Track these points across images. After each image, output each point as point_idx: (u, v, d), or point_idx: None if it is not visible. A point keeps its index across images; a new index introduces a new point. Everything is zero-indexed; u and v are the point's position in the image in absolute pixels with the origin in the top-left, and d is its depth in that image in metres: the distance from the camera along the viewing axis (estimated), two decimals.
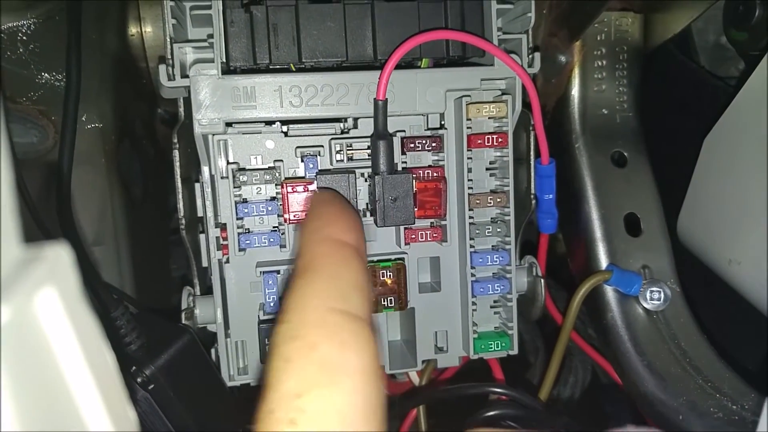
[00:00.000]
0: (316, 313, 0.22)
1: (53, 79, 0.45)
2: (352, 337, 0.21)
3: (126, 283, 0.50)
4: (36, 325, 0.13)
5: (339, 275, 0.24)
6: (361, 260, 0.25)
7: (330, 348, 0.21)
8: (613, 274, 0.48)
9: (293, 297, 0.23)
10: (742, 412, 0.43)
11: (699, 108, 0.53)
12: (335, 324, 0.21)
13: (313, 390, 0.20)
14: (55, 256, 0.13)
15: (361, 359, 0.21)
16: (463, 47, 0.43)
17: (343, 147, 0.43)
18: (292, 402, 0.19)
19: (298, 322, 0.21)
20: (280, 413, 0.19)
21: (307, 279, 0.23)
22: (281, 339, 0.21)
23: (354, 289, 0.23)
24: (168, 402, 0.42)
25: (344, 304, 0.22)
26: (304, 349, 0.20)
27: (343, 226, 0.26)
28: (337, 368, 0.20)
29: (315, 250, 0.25)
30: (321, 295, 0.22)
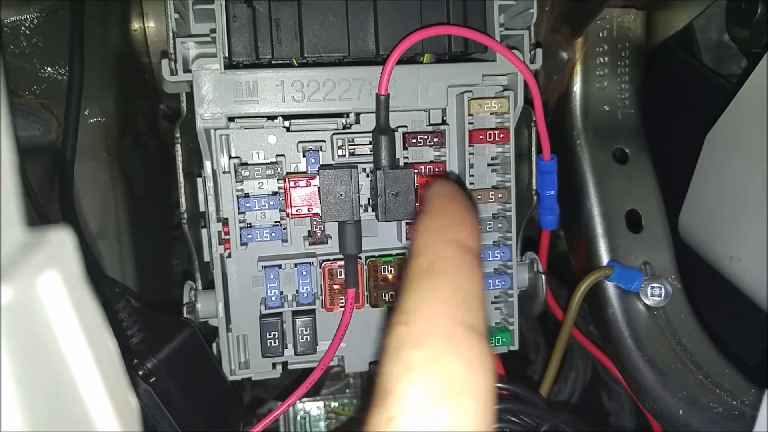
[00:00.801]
0: (441, 323, 0.21)
1: (56, 73, 0.45)
2: (477, 356, 0.20)
3: (128, 277, 0.50)
4: (38, 307, 0.13)
5: (464, 285, 0.22)
6: (482, 270, 0.24)
7: (456, 364, 0.20)
8: (614, 270, 0.48)
9: (416, 299, 0.22)
10: (742, 407, 0.43)
11: (701, 105, 0.53)
12: (461, 339, 0.20)
13: (439, 406, 0.19)
14: (58, 240, 0.13)
15: (485, 381, 0.20)
16: (465, 43, 0.43)
17: (345, 142, 0.43)
18: (416, 415, 0.19)
19: (422, 329, 0.21)
20: (402, 425, 0.19)
21: (431, 283, 0.22)
22: (402, 342, 0.20)
23: (477, 301, 0.22)
24: (169, 395, 0.42)
25: (469, 318, 0.21)
26: (429, 361, 0.20)
27: (470, 229, 0.25)
28: (461, 388, 0.19)
29: (439, 251, 0.24)
30: (446, 304, 0.21)
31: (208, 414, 0.45)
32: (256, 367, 0.46)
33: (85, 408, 0.14)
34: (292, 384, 0.58)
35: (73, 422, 0.13)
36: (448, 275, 0.22)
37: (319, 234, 0.44)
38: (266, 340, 0.44)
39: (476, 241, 0.25)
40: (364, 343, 0.47)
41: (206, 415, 0.45)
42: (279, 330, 0.44)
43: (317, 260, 0.44)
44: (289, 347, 0.45)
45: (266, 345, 0.44)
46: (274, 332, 0.44)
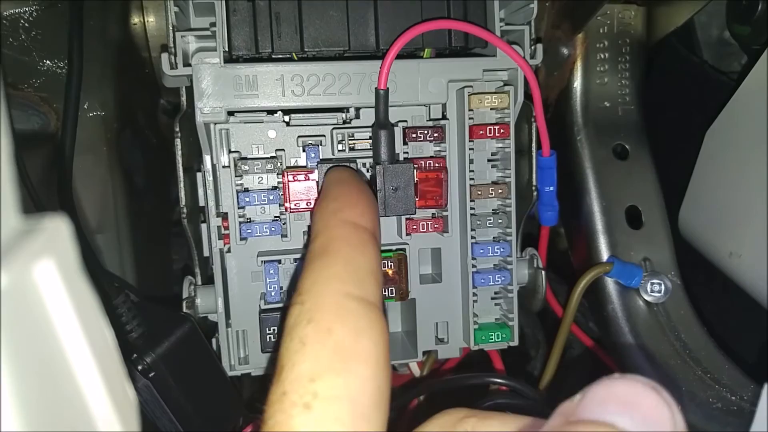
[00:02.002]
0: (333, 297, 0.22)
1: (55, 66, 0.45)
2: (367, 324, 0.21)
3: (127, 271, 0.50)
4: (33, 294, 0.13)
5: (356, 260, 0.24)
6: (376, 245, 0.25)
7: (346, 334, 0.21)
8: (614, 266, 0.48)
9: (309, 279, 0.23)
10: (741, 403, 0.43)
11: (701, 102, 0.53)
12: (351, 310, 0.22)
13: (327, 375, 0.20)
14: (53, 228, 0.13)
15: (376, 347, 0.21)
16: (466, 37, 0.43)
17: (345, 137, 0.43)
18: (306, 385, 0.20)
19: (314, 305, 0.22)
20: (294, 396, 0.19)
21: (324, 262, 0.23)
22: (297, 321, 0.21)
23: (369, 275, 0.23)
24: (168, 390, 0.42)
25: (360, 290, 0.22)
26: (320, 333, 0.21)
27: (362, 209, 0.27)
28: (351, 355, 0.20)
29: (332, 232, 0.25)
30: (338, 280, 0.22)
31: (208, 409, 0.45)
32: (256, 363, 0.45)
33: (81, 395, 0.14)
34: None
35: (69, 410, 0.13)
36: (340, 253, 0.24)
37: None
38: (266, 335, 0.44)
39: (369, 220, 0.26)
40: None
41: (205, 411, 0.45)
42: (279, 325, 0.44)
43: None
44: None
45: (266, 340, 0.44)
46: (273, 327, 0.44)
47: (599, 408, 0.17)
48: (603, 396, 0.17)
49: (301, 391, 0.20)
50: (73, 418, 0.14)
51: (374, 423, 0.20)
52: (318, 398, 0.19)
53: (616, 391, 0.17)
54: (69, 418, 0.13)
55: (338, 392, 0.20)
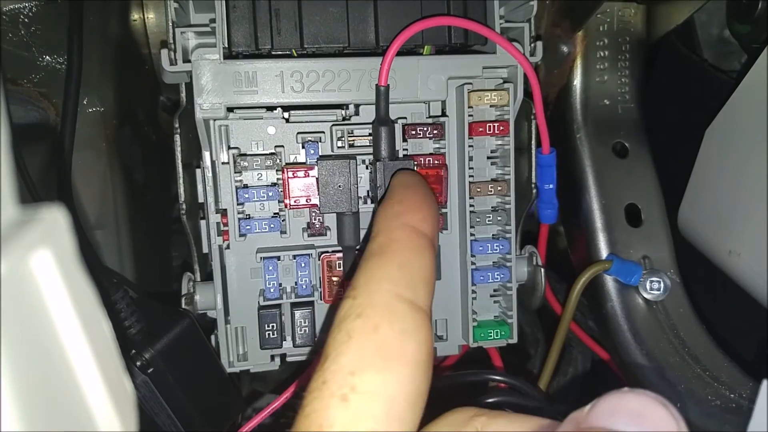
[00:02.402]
0: (384, 296, 0.22)
1: (54, 61, 0.45)
2: (413, 327, 0.22)
3: (126, 267, 0.50)
4: (31, 283, 0.13)
5: (411, 264, 0.24)
6: (433, 252, 0.25)
7: (392, 333, 0.21)
8: (613, 264, 0.48)
9: (364, 275, 0.23)
10: (740, 400, 0.43)
11: (701, 100, 0.53)
12: (400, 311, 0.22)
13: (368, 370, 0.20)
14: (51, 218, 0.13)
15: (419, 350, 0.21)
16: (466, 34, 0.43)
17: (345, 133, 0.43)
18: (346, 377, 0.20)
19: (365, 301, 0.22)
20: (333, 386, 0.20)
21: (381, 261, 0.24)
22: (346, 314, 0.22)
23: (423, 280, 0.24)
24: (167, 386, 0.42)
25: (412, 293, 0.23)
26: (366, 329, 0.21)
27: (424, 215, 0.27)
28: (394, 354, 0.21)
29: (392, 234, 0.25)
30: (392, 281, 0.23)
31: (206, 406, 0.45)
32: (255, 359, 0.45)
33: (78, 385, 0.14)
34: (291, 377, 0.58)
35: (65, 399, 0.13)
36: (397, 255, 0.24)
37: (318, 226, 0.44)
38: (265, 331, 0.44)
39: (430, 226, 0.26)
40: None
41: (204, 407, 0.45)
42: (277, 322, 0.44)
43: (316, 252, 0.44)
44: (288, 339, 0.45)
45: (265, 337, 0.44)
46: (272, 324, 0.44)
47: (610, 418, 0.17)
48: (613, 407, 0.18)
49: (340, 383, 0.20)
50: (70, 408, 0.14)
51: (407, 424, 0.20)
52: (356, 392, 0.20)
53: (626, 404, 0.18)
54: (65, 408, 0.13)
55: (376, 389, 0.20)
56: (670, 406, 0.18)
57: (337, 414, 0.19)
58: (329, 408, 0.19)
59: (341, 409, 0.19)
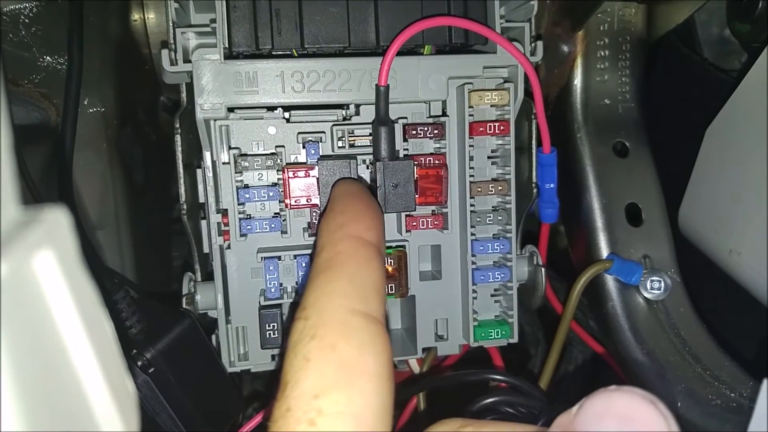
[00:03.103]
0: (336, 313, 0.22)
1: (55, 62, 0.45)
2: (371, 340, 0.21)
3: (127, 267, 0.50)
4: (33, 284, 0.13)
5: (360, 276, 0.24)
6: (380, 260, 0.25)
7: (349, 350, 0.21)
8: (613, 264, 0.48)
9: (313, 294, 0.23)
10: (740, 399, 0.43)
11: (701, 100, 0.53)
12: (355, 326, 0.22)
13: (331, 391, 0.20)
14: (53, 219, 0.13)
15: (379, 362, 0.21)
16: (466, 34, 0.43)
17: (345, 133, 0.43)
18: (310, 402, 0.20)
19: (318, 321, 0.22)
20: (298, 413, 0.20)
21: (329, 277, 0.23)
22: (300, 336, 0.21)
23: (373, 290, 0.23)
24: (168, 386, 0.42)
25: (364, 305, 0.22)
26: (324, 349, 0.21)
27: (368, 223, 0.27)
28: (355, 371, 0.20)
29: (337, 247, 0.25)
30: (342, 295, 0.23)
31: (207, 405, 0.45)
32: (256, 359, 0.46)
33: (80, 385, 0.14)
34: None
35: (67, 399, 0.13)
36: (345, 268, 0.24)
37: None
38: (265, 331, 0.44)
39: (374, 234, 0.26)
40: None
41: (205, 407, 0.45)
42: (278, 321, 0.44)
43: None
44: None
45: (265, 336, 0.44)
46: (273, 324, 0.44)
47: (596, 421, 0.17)
48: (600, 409, 0.17)
49: (305, 408, 0.20)
50: (72, 407, 0.14)
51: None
52: (322, 415, 0.19)
53: (614, 404, 0.17)
54: (67, 408, 0.13)
55: (342, 409, 0.20)
56: (659, 403, 0.17)
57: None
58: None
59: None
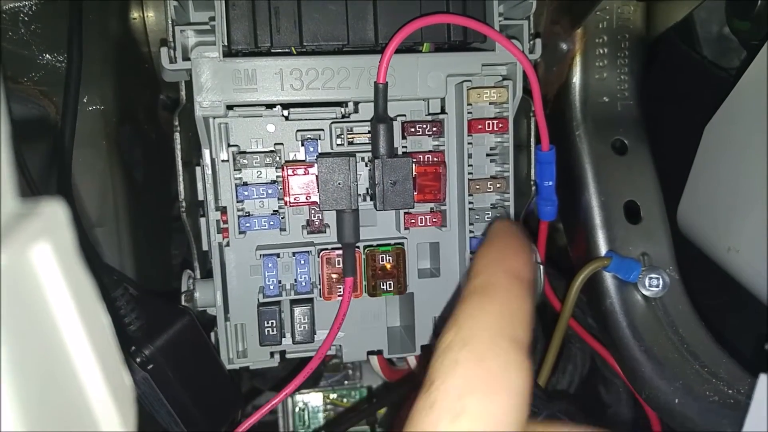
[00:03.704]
0: (488, 331, 0.23)
1: (54, 60, 0.45)
2: (516, 361, 0.22)
3: (126, 265, 0.50)
4: (30, 276, 0.13)
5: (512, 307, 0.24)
6: (532, 296, 0.26)
7: (497, 364, 0.22)
8: (612, 261, 0.48)
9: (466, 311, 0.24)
10: (738, 396, 0.43)
11: (700, 97, 0.53)
12: (504, 346, 0.22)
13: (477, 395, 0.21)
14: (50, 212, 0.13)
15: (523, 383, 0.22)
16: (465, 32, 0.43)
17: (344, 131, 0.43)
18: (455, 400, 0.20)
19: (470, 333, 0.23)
20: (443, 408, 0.20)
21: (483, 301, 0.24)
22: (452, 343, 0.22)
23: (524, 321, 0.24)
24: (167, 382, 0.42)
25: (514, 332, 0.23)
26: (472, 359, 0.22)
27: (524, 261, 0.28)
28: (500, 384, 0.21)
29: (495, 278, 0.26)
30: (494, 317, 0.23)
31: (206, 402, 0.45)
32: (254, 356, 0.46)
33: (77, 377, 0.14)
34: (290, 374, 0.58)
35: (64, 391, 0.13)
36: (499, 296, 0.25)
37: (317, 223, 0.45)
38: (264, 328, 0.44)
39: (529, 272, 0.27)
40: (362, 332, 0.47)
41: (204, 404, 0.45)
42: (277, 319, 0.44)
43: (315, 249, 0.44)
44: (287, 336, 0.45)
45: (264, 334, 0.44)
46: (272, 321, 0.44)
47: None
48: None
49: (450, 405, 0.20)
50: (68, 401, 0.14)
51: None
52: (466, 413, 0.20)
53: None
54: (64, 401, 0.13)
55: (485, 413, 0.20)
56: None
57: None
58: (439, 427, 0.20)
59: (453, 428, 0.20)
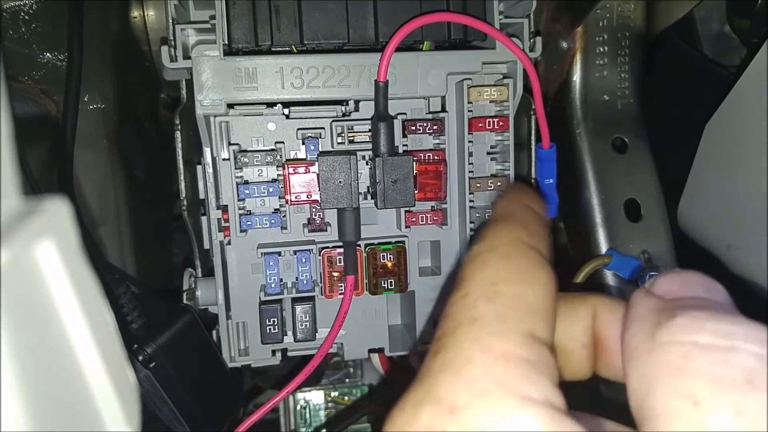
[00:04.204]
0: (514, 240, 0.23)
1: (55, 58, 0.45)
2: (542, 263, 0.22)
3: (128, 263, 0.50)
4: (34, 274, 0.13)
5: (533, 227, 0.25)
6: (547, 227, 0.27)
7: (524, 261, 0.22)
8: (612, 259, 0.48)
9: (493, 229, 0.24)
10: None
11: (700, 95, 0.53)
12: (530, 252, 0.23)
13: (508, 282, 0.21)
14: (53, 209, 0.13)
15: (550, 279, 0.22)
16: (465, 30, 0.43)
17: (344, 129, 0.43)
18: (488, 286, 0.21)
19: (495, 241, 0.23)
20: (476, 293, 0.20)
21: (508, 221, 0.25)
22: (477, 250, 0.23)
23: (544, 240, 0.24)
24: (169, 380, 0.42)
25: (535, 243, 0.23)
26: (501, 257, 0.22)
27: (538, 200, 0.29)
28: (530, 276, 0.21)
29: (515, 209, 0.26)
30: (519, 233, 0.24)
31: (208, 400, 0.45)
32: (256, 354, 0.46)
33: (81, 374, 0.14)
34: (292, 372, 0.58)
35: (68, 387, 0.13)
36: (520, 218, 0.25)
37: (318, 221, 0.45)
38: (266, 326, 0.44)
39: (543, 209, 0.28)
40: (363, 330, 0.47)
41: (206, 402, 0.45)
42: (278, 317, 0.44)
43: (317, 247, 0.44)
44: (289, 334, 0.45)
45: (266, 332, 0.45)
46: (273, 319, 0.44)
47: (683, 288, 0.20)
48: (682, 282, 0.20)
49: (483, 290, 0.20)
50: (73, 397, 0.14)
51: (549, 333, 0.21)
52: (500, 295, 0.20)
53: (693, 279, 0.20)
54: (69, 398, 0.14)
55: (519, 296, 0.20)
56: None
57: (486, 309, 0.20)
58: (476, 307, 0.20)
59: (489, 306, 0.20)
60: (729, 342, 0.17)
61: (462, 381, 0.18)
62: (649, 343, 0.18)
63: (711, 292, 0.20)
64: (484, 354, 0.18)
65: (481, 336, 0.19)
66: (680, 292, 0.20)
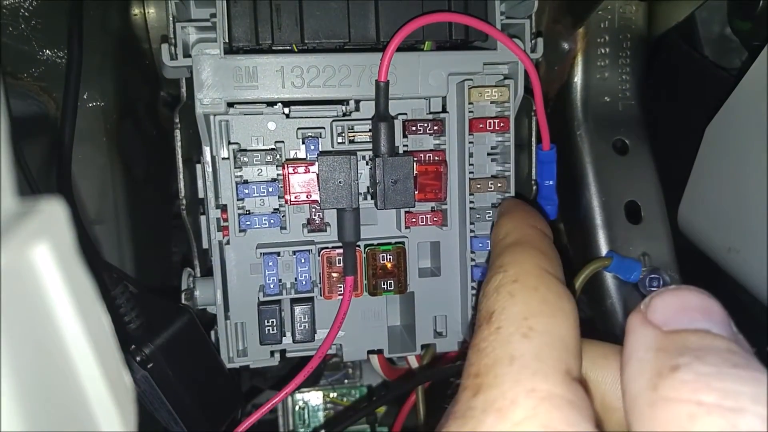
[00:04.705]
0: (535, 268, 0.24)
1: (55, 56, 0.45)
2: (565, 293, 0.23)
3: (126, 262, 0.50)
4: (29, 275, 0.13)
5: (549, 253, 0.26)
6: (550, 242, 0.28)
7: (549, 293, 0.23)
8: (612, 261, 0.48)
9: (508, 256, 0.25)
10: None
11: (701, 98, 0.53)
12: (552, 281, 0.24)
13: (539, 316, 0.21)
14: (49, 210, 0.13)
15: (573, 308, 0.23)
16: (466, 30, 0.43)
17: (345, 129, 0.43)
18: (521, 321, 0.21)
19: (519, 271, 0.24)
20: (510, 329, 0.21)
21: (525, 248, 0.26)
22: (502, 282, 0.23)
23: (559, 265, 0.26)
24: (167, 381, 0.42)
25: (555, 271, 0.25)
26: (527, 290, 0.23)
27: (542, 221, 0.31)
28: (556, 308, 0.22)
29: (526, 233, 0.28)
30: (538, 260, 0.25)
31: (206, 401, 0.45)
32: (255, 355, 0.46)
33: (77, 377, 0.14)
34: (291, 373, 0.58)
35: (64, 390, 0.13)
36: (536, 243, 0.27)
37: (318, 221, 0.44)
38: (264, 327, 0.44)
39: (549, 230, 0.30)
40: (362, 331, 0.47)
41: (204, 403, 0.45)
42: (277, 318, 0.44)
43: (316, 248, 0.44)
44: (288, 335, 0.45)
45: (264, 332, 0.44)
46: (272, 320, 0.44)
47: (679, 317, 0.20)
48: (679, 305, 0.20)
49: (517, 325, 0.21)
50: (69, 399, 0.14)
51: (578, 367, 0.21)
52: (534, 331, 0.21)
53: (690, 300, 0.20)
54: (64, 399, 0.13)
55: (551, 330, 0.21)
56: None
57: (523, 347, 0.20)
58: (511, 343, 0.20)
59: (526, 343, 0.20)
60: (736, 403, 0.16)
61: (507, 424, 0.18)
62: (651, 394, 0.18)
63: (709, 315, 0.20)
64: (528, 397, 0.19)
65: (522, 376, 0.19)
66: (678, 321, 0.20)
